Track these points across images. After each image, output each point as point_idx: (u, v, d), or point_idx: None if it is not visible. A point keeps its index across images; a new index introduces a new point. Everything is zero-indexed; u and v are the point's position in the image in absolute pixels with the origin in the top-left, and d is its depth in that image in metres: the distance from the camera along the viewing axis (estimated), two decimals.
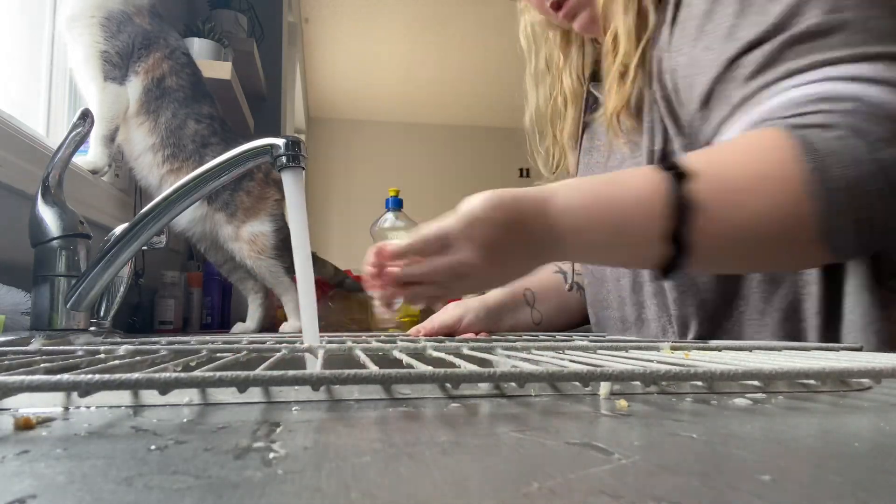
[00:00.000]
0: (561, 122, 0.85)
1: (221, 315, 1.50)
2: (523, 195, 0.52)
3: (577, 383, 0.28)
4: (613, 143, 0.72)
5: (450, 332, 0.79)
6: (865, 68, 0.48)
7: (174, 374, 0.24)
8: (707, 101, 0.58)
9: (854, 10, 0.50)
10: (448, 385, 0.28)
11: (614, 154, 0.75)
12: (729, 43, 0.55)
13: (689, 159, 0.50)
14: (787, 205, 0.47)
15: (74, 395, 0.25)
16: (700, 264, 0.51)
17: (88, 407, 0.25)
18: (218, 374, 0.24)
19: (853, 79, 0.48)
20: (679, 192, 0.48)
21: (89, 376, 0.23)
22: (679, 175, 0.49)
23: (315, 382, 0.25)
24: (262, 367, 0.30)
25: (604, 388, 0.28)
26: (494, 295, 0.86)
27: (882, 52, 0.48)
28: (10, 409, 0.24)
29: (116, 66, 1.07)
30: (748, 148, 0.50)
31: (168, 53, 1.13)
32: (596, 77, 0.83)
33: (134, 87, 1.10)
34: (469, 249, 0.52)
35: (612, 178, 0.54)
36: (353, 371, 0.25)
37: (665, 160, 0.53)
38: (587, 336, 0.70)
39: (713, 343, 0.47)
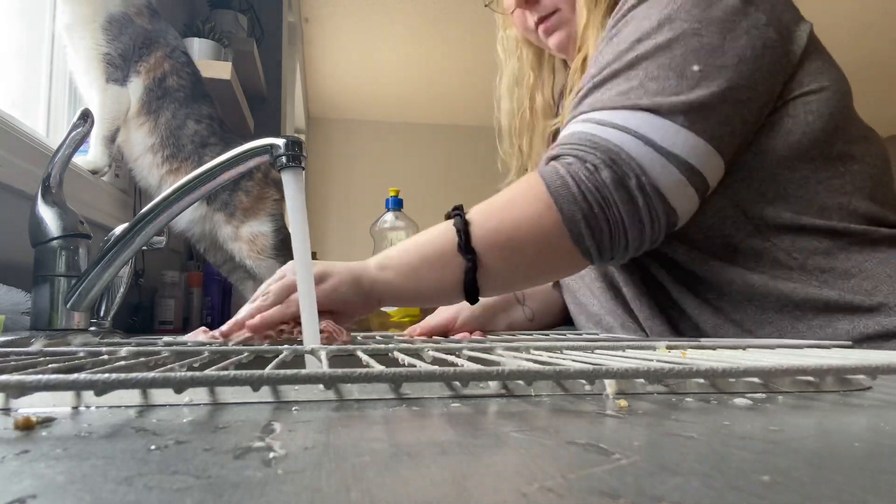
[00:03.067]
0: (528, 134, 0.92)
1: (221, 315, 1.50)
2: (340, 274, 0.63)
3: (581, 382, 0.28)
4: None
5: (444, 331, 0.80)
6: (615, 115, 0.61)
7: (189, 374, 0.24)
8: None
9: (643, 71, 0.62)
10: (455, 384, 0.28)
11: None
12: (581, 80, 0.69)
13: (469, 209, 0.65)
14: (538, 214, 0.60)
15: (82, 394, 0.25)
16: (490, 273, 0.62)
17: (88, 407, 0.25)
18: (232, 373, 0.24)
19: (599, 122, 0.62)
20: (460, 215, 0.63)
21: (105, 375, 0.23)
22: (457, 209, 0.64)
23: (327, 381, 0.25)
24: (270, 366, 0.30)
25: (610, 386, 0.28)
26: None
27: (633, 104, 0.61)
28: (10, 409, 0.24)
29: (118, 68, 1.07)
30: (507, 188, 0.66)
31: (169, 52, 1.13)
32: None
33: (135, 87, 1.10)
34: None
35: (415, 240, 0.67)
36: (363, 370, 0.25)
37: (452, 210, 0.66)
38: (580, 335, 0.71)
39: (707, 342, 0.47)
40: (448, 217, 0.65)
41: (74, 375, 0.23)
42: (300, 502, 0.13)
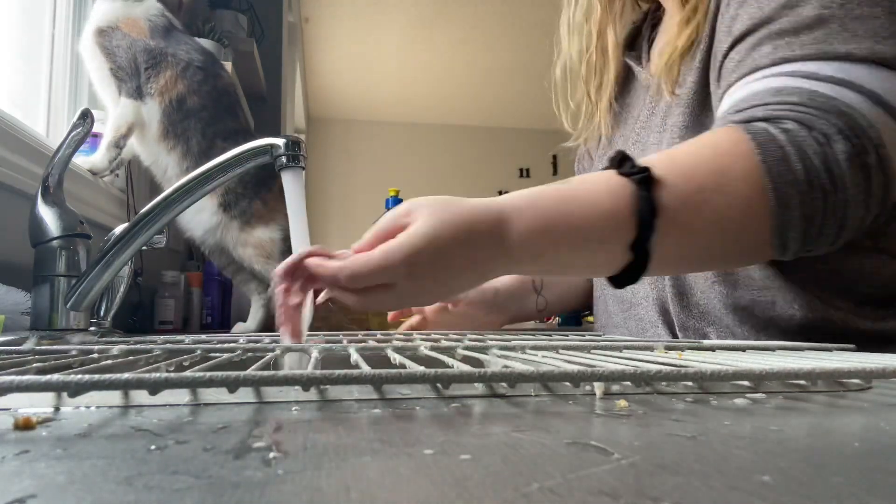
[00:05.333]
0: (596, 77, 0.78)
1: (221, 315, 1.50)
2: (476, 217, 0.47)
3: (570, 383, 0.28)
4: (657, 106, 0.68)
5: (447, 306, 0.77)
6: (824, 66, 0.49)
7: (164, 375, 0.24)
8: (717, 80, 0.59)
9: (840, 9, 0.49)
10: (439, 385, 0.28)
11: (651, 125, 0.71)
12: (728, 36, 0.56)
13: (654, 163, 0.49)
14: (745, 202, 0.47)
15: (65, 395, 0.25)
16: (657, 269, 0.50)
17: (88, 407, 0.25)
18: (209, 374, 0.24)
19: (807, 76, 0.49)
20: (644, 202, 0.47)
21: (79, 377, 0.22)
22: (642, 181, 0.47)
23: (305, 383, 0.25)
24: (254, 366, 0.30)
25: (598, 387, 0.28)
26: (504, 280, 0.84)
27: (846, 53, 0.48)
28: (10, 409, 0.24)
29: (124, 81, 1.10)
30: (708, 147, 0.49)
31: (181, 71, 1.12)
32: (631, 46, 0.79)
33: (151, 109, 1.11)
34: (409, 281, 0.46)
35: (573, 191, 0.49)
36: (343, 371, 0.25)
37: (626, 162, 0.50)
38: (583, 335, 0.71)
39: (707, 343, 0.47)
40: (621, 173, 0.48)
41: (48, 377, 0.23)
42: (300, 502, 0.13)
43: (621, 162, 0.50)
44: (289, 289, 0.47)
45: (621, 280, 0.50)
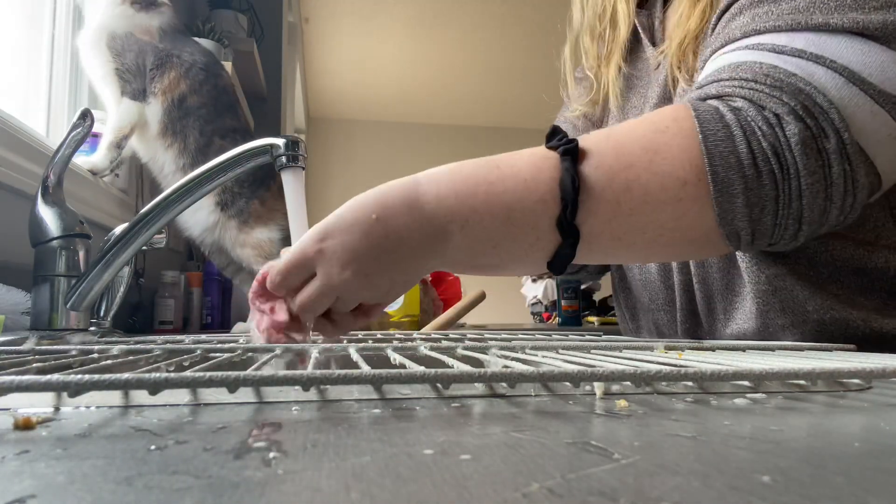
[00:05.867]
0: (606, 45, 0.74)
1: (221, 315, 1.50)
2: (388, 187, 0.47)
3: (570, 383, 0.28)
4: (668, 84, 0.64)
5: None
6: (795, 38, 0.44)
7: (164, 375, 0.24)
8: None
9: None
10: (439, 385, 0.28)
11: (650, 97, 0.68)
12: (718, 9, 0.54)
13: (588, 137, 0.47)
14: (679, 183, 0.43)
15: (65, 395, 0.25)
16: (590, 253, 0.47)
17: (88, 407, 0.25)
18: (208, 374, 0.24)
19: (773, 49, 0.45)
20: (566, 173, 0.44)
21: (79, 377, 0.22)
22: (567, 152, 0.45)
23: (305, 383, 0.25)
24: (253, 366, 0.30)
25: (598, 387, 0.28)
26: None
27: (821, 24, 0.44)
28: (10, 409, 0.24)
29: (129, 82, 1.11)
30: (648, 121, 0.46)
31: (184, 72, 1.14)
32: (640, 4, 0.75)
33: (154, 108, 1.12)
34: (328, 267, 0.45)
35: (495, 160, 0.47)
36: (343, 371, 0.25)
37: (556, 138, 0.47)
38: (583, 335, 0.70)
39: (707, 343, 0.47)
40: (549, 146, 0.46)
41: (48, 377, 0.23)
42: (300, 502, 0.13)
43: (552, 136, 0.47)
44: (273, 309, 0.48)
45: (556, 264, 0.47)
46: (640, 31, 0.73)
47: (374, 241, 0.45)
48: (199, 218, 1.15)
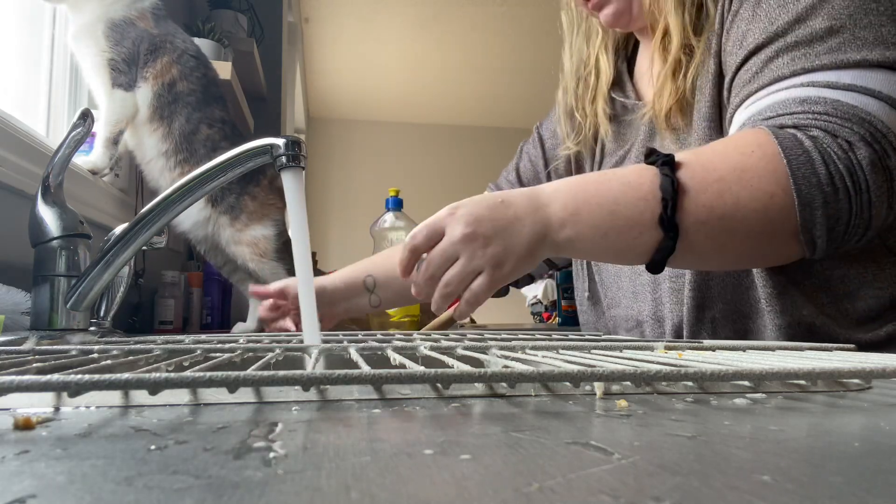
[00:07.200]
0: (590, 92, 0.82)
1: (221, 315, 1.50)
2: (508, 192, 0.57)
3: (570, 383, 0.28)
4: (661, 145, 0.71)
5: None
6: (843, 75, 0.52)
7: (164, 375, 0.24)
8: (728, 99, 0.62)
9: (849, 20, 0.53)
10: (439, 385, 0.28)
11: (636, 144, 0.75)
12: (740, 50, 0.59)
13: (679, 154, 0.54)
14: (767, 196, 0.51)
15: (65, 395, 0.25)
16: (688, 253, 0.54)
17: (88, 407, 0.25)
18: (208, 374, 0.24)
19: (828, 85, 0.52)
20: (665, 179, 0.52)
21: (79, 377, 0.22)
22: (666, 163, 0.53)
23: (305, 383, 0.25)
24: (254, 366, 0.30)
25: (598, 387, 0.28)
26: (332, 280, 0.88)
27: (860, 60, 0.52)
28: (9, 409, 0.24)
29: (122, 73, 1.09)
30: (732, 145, 0.53)
31: (176, 57, 1.14)
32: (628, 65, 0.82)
33: (144, 93, 1.11)
34: (455, 226, 0.55)
35: (602, 172, 0.57)
36: (343, 371, 0.25)
37: (653, 157, 0.55)
38: (583, 335, 0.70)
39: (707, 343, 0.47)
40: (648, 161, 0.55)
41: (48, 377, 0.23)
42: (300, 502, 0.13)
43: (649, 156, 0.56)
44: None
45: (656, 264, 0.54)
46: (619, 99, 0.80)
47: (497, 213, 0.55)
48: (189, 212, 1.15)
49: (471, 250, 0.55)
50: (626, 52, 0.84)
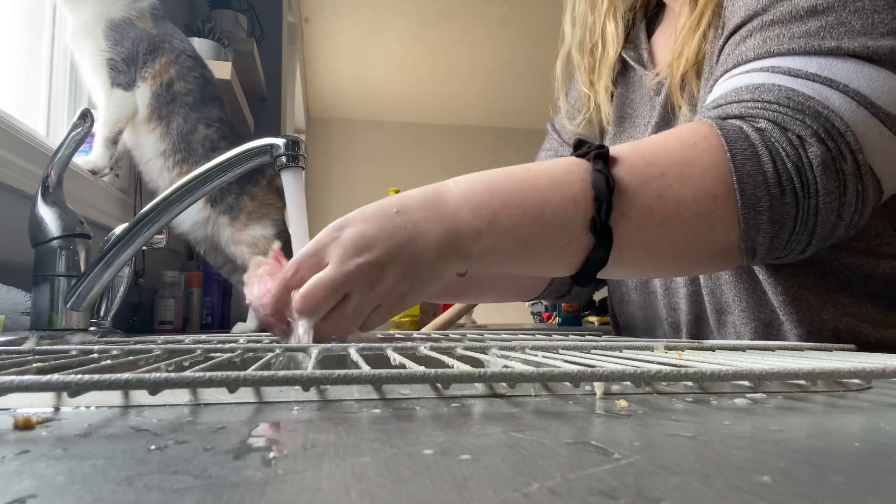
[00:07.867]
0: (596, 67, 0.75)
1: (221, 315, 1.50)
2: (409, 191, 0.47)
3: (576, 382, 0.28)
4: (674, 115, 0.65)
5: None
6: (809, 62, 0.46)
7: (164, 375, 0.24)
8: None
9: (836, 2, 0.47)
10: (440, 385, 0.28)
11: (651, 121, 0.68)
12: (726, 30, 0.55)
13: (616, 147, 0.48)
14: (710, 197, 0.45)
15: (65, 395, 0.25)
16: (622, 258, 0.47)
17: (88, 407, 0.25)
18: (208, 374, 0.24)
19: (789, 72, 0.46)
20: (598, 176, 0.44)
21: (79, 377, 0.22)
22: (600, 157, 0.45)
23: (305, 383, 0.25)
24: (254, 366, 0.30)
25: (598, 387, 0.28)
26: None
27: (834, 48, 0.46)
28: (9, 409, 0.24)
29: (122, 73, 1.10)
30: (674, 136, 0.47)
31: (174, 58, 1.14)
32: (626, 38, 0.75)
33: (143, 93, 1.11)
34: (341, 254, 0.43)
35: (523, 165, 0.48)
36: (343, 371, 0.25)
37: (584, 148, 0.48)
38: (583, 335, 0.70)
39: (707, 343, 0.47)
40: (580, 155, 0.47)
41: (48, 377, 0.23)
42: (300, 502, 0.13)
43: (579, 147, 0.49)
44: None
45: (585, 275, 0.47)
46: (630, 61, 0.74)
47: (392, 230, 0.44)
48: (189, 212, 1.15)
49: (363, 284, 0.44)
50: (646, 12, 0.76)
